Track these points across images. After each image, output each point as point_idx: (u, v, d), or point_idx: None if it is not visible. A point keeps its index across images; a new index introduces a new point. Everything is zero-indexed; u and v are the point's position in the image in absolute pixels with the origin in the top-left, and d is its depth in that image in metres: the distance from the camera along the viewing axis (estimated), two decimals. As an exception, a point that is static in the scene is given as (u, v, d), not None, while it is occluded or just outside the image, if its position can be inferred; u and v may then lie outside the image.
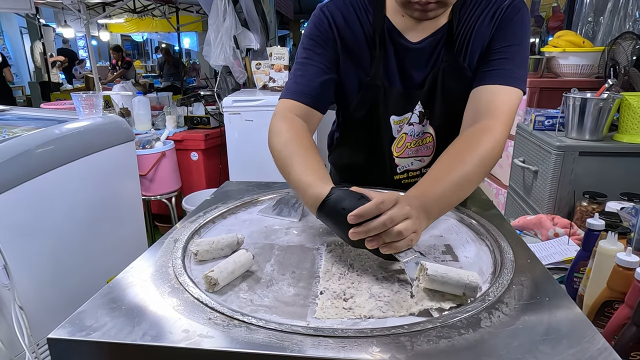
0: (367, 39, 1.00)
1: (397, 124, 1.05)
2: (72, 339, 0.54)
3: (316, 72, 1.00)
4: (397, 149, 1.08)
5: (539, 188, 1.75)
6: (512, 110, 0.91)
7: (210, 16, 3.45)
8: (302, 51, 1.02)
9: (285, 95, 1.01)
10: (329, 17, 1.00)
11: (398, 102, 1.03)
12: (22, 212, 1.43)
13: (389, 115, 1.04)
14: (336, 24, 1.00)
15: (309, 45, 1.01)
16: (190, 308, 0.60)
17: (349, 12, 1.00)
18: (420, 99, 1.02)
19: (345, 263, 0.74)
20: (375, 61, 0.99)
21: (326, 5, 1.02)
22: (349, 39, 1.00)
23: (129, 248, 1.95)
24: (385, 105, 1.03)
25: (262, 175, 1.02)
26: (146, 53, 15.17)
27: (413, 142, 1.08)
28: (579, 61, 2.26)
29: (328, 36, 1.00)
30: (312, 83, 0.99)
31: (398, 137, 1.07)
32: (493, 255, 0.76)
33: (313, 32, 1.01)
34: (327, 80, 1.00)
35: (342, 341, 0.53)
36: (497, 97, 0.91)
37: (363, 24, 1.00)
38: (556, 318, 0.57)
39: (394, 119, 1.05)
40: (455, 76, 0.99)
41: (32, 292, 1.45)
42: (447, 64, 0.99)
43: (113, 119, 1.92)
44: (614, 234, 0.83)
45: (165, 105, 3.93)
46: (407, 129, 1.06)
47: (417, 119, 1.05)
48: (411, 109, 1.04)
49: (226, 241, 0.77)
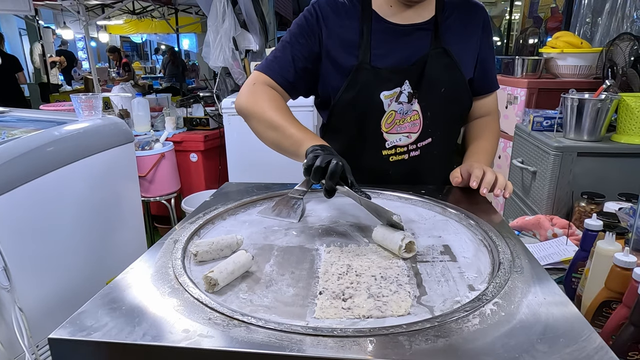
0: (354, 27, 1.08)
1: (388, 98, 1.10)
2: (73, 339, 0.54)
3: (293, 59, 1.10)
4: (386, 124, 1.13)
5: (538, 188, 1.75)
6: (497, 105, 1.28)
7: (210, 17, 3.45)
8: (288, 34, 1.13)
9: (261, 69, 1.12)
10: (318, 12, 1.10)
11: (387, 78, 1.09)
12: (22, 214, 1.43)
13: (379, 92, 1.09)
14: (324, 18, 1.09)
15: (295, 32, 1.11)
16: (190, 308, 0.60)
17: (338, 6, 1.10)
18: (409, 78, 1.09)
19: (344, 263, 0.74)
20: (364, 46, 1.07)
21: (318, 1, 1.12)
22: (337, 29, 1.09)
23: (128, 249, 1.95)
24: (375, 83, 1.09)
25: (261, 177, 1.04)
26: (145, 54, 15.17)
27: (401, 119, 1.13)
28: (577, 62, 2.26)
29: (314, 30, 1.09)
30: (287, 66, 1.10)
31: (387, 114, 1.11)
32: (491, 256, 0.76)
33: (302, 22, 1.11)
34: (301, 69, 1.11)
35: (341, 341, 0.53)
36: (493, 103, 1.27)
37: (351, 15, 1.09)
38: (553, 317, 0.57)
39: (385, 94, 1.10)
40: (444, 63, 1.09)
41: (32, 293, 1.45)
42: (436, 51, 1.09)
43: (112, 121, 1.92)
44: (612, 234, 0.84)
45: (164, 106, 3.94)
46: (396, 106, 1.11)
47: (406, 99, 1.11)
48: (400, 83, 1.09)
49: (226, 242, 0.78)
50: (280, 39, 1.15)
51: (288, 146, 1.01)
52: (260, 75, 1.11)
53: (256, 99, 1.08)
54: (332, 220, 0.93)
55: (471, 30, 1.14)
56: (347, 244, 0.82)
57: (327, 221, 0.93)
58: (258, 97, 1.08)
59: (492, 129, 1.23)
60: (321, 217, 0.95)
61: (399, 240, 0.75)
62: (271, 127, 1.05)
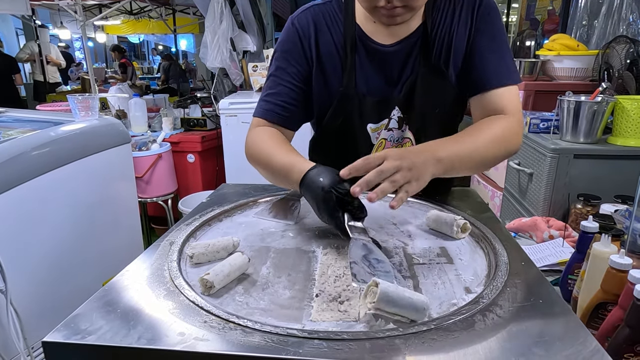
0: (338, 47, 0.99)
1: (375, 131, 1.04)
2: (67, 343, 0.54)
3: (285, 92, 1.01)
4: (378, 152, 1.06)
5: (534, 190, 1.76)
6: (520, 104, 0.97)
7: (207, 18, 3.45)
8: (274, 65, 1.04)
9: (257, 114, 1.04)
10: (298, 29, 1.01)
11: (373, 110, 1.01)
12: (17, 215, 1.42)
13: (365, 124, 1.03)
14: (307, 36, 1.00)
15: (280, 60, 1.03)
16: (185, 311, 0.60)
17: (319, 21, 1.00)
18: (397, 104, 1.01)
19: (340, 266, 0.74)
20: (348, 69, 0.98)
21: (297, 17, 1.03)
22: (320, 48, 1.00)
23: (124, 250, 1.95)
24: (360, 114, 1.01)
25: (258, 178, 1.03)
26: (143, 55, 15.14)
27: (393, 147, 1.06)
28: (573, 64, 2.28)
29: (297, 51, 1.00)
30: (281, 102, 1.01)
31: (377, 143, 1.06)
32: (488, 258, 0.77)
33: (284, 46, 1.02)
34: (295, 100, 1.02)
35: (337, 344, 0.53)
36: (503, 100, 0.95)
37: (333, 33, 1.00)
38: (550, 320, 0.57)
39: (371, 126, 1.03)
40: (435, 81, 0.98)
41: (27, 295, 1.44)
42: (426, 69, 0.97)
43: (109, 121, 1.92)
44: (607, 236, 0.84)
45: (161, 107, 3.92)
46: (386, 134, 1.05)
47: (397, 124, 1.03)
48: (387, 115, 1.02)
49: (222, 244, 0.78)
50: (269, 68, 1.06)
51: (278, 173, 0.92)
52: (257, 120, 1.05)
53: (254, 140, 1.00)
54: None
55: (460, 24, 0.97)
56: (344, 246, 0.82)
57: (324, 223, 0.93)
58: (256, 139, 1.00)
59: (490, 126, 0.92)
60: (318, 219, 0.95)
61: (453, 222, 0.83)
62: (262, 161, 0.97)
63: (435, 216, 0.88)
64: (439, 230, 0.87)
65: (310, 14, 1.01)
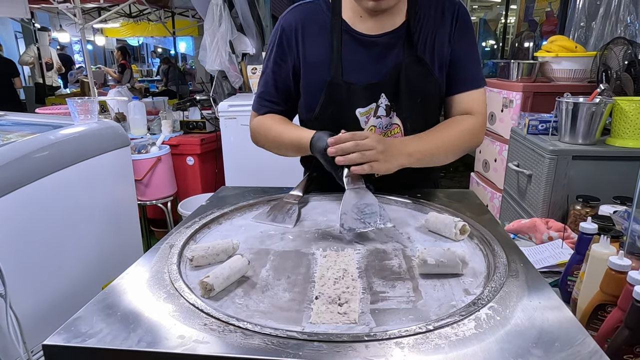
0: (325, 41, 1.06)
1: (364, 115, 1.09)
2: (67, 346, 0.54)
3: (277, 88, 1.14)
4: None
5: (533, 192, 1.76)
6: (485, 105, 1.12)
7: (206, 21, 3.45)
8: (265, 62, 1.16)
9: (254, 109, 1.19)
10: (286, 28, 1.10)
11: (361, 95, 1.07)
12: (17, 218, 1.42)
13: (354, 109, 1.08)
14: (294, 34, 1.09)
15: (271, 58, 1.13)
16: (185, 314, 0.60)
17: (305, 18, 1.09)
18: (384, 91, 1.07)
19: (340, 268, 0.74)
20: (335, 61, 1.05)
21: (284, 17, 1.12)
22: (306, 44, 1.08)
23: (124, 253, 1.95)
24: (349, 100, 1.07)
25: (258, 180, 1.05)
26: (142, 57, 15.16)
27: (382, 134, 1.10)
28: (571, 66, 2.28)
29: (284, 50, 1.10)
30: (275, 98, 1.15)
31: (367, 128, 1.10)
32: (487, 260, 0.77)
33: (273, 46, 1.12)
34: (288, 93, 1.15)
35: (336, 346, 0.53)
36: (474, 102, 1.10)
37: (320, 28, 1.07)
38: (548, 321, 0.58)
39: (360, 111, 1.09)
40: (419, 69, 1.06)
41: (27, 298, 1.44)
42: (410, 58, 1.05)
43: (108, 124, 1.92)
44: (606, 237, 0.84)
45: (160, 109, 3.93)
46: (375, 121, 1.10)
47: (384, 112, 1.09)
48: (375, 100, 1.07)
49: (222, 247, 0.78)
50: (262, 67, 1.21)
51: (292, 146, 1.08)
52: (255, 114, 1.20)
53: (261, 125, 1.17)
54: (328, 225, 0.93)
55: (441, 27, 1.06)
56: (344, 249, 0.82)
57: (323, 225, 0.93)
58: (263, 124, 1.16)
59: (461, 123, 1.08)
60: (317, 221, 0.95)
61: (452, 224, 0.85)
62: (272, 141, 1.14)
63: (435, 218, 0.89)
64: (438, 232, 0.87)
65: (297, 11, 1.11)
